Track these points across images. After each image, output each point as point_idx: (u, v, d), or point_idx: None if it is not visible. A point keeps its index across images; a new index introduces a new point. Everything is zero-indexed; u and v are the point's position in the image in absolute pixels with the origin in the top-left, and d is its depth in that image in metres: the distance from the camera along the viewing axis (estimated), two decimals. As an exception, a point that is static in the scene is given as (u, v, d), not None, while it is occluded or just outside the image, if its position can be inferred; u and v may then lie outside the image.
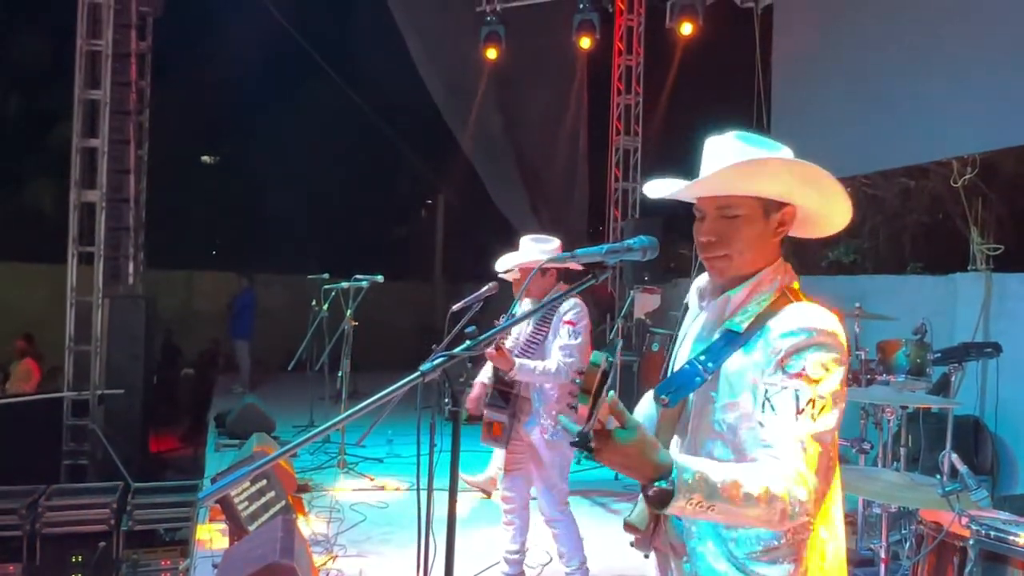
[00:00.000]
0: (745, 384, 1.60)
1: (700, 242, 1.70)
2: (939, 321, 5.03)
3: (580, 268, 3.28)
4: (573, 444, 1.30)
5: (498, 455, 4.70)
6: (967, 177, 6.67)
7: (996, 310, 6.08)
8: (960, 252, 6.96)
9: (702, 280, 1.84)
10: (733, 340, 1.64)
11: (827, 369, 1.53)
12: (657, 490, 1.33)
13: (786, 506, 1.40)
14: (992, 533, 2.59)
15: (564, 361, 3.56)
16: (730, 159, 1.64)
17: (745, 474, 1.41)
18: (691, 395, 1.70)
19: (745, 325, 1.64)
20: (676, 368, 1.79)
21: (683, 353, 1.81)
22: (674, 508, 1.34)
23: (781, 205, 1.68)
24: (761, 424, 1.55)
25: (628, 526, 1.73)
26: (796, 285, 1.70)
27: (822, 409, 1.50)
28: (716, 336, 1.69)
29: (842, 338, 1.58)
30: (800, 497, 1.42)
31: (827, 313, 1.61)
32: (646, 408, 1.92)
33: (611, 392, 1.35)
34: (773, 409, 1.53)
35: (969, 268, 6.57)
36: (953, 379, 4.29)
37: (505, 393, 3.79)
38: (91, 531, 6.29)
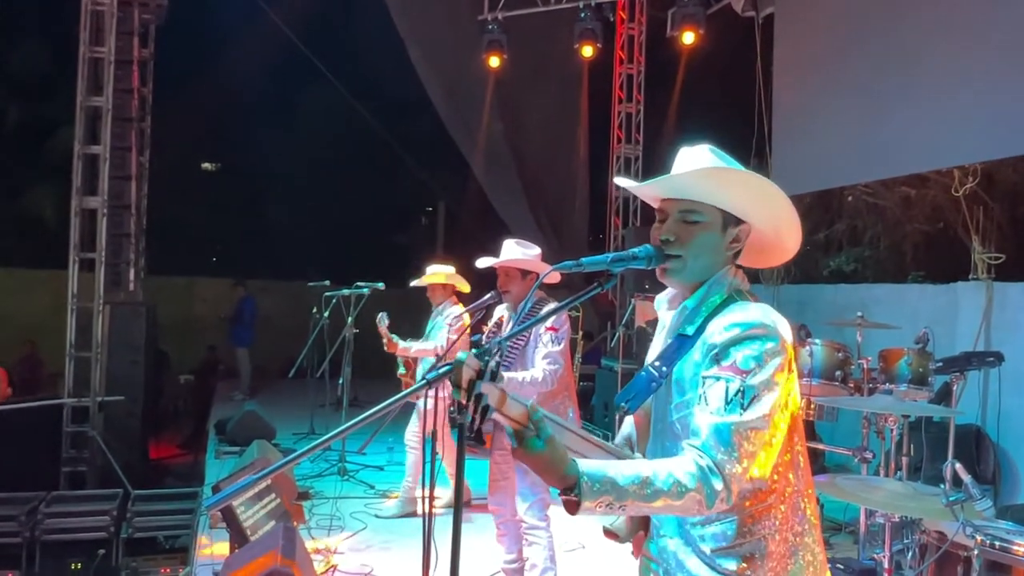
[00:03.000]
0: (691, 383, 1.66)
1: (658, 241, 1.73)
2: (940, 330, 5.03)
3: (559, 279, 3.27)
4: (470, 438, 1.43)
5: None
6: (968, 186, 6.67)
7: (997, 319, 6.08)
8: (961, 261, 6.95)
9: (668, 292, 1.88)
10: (683, 343, 1.69)
11: (760, 362, 1.57)
12: (565, 499, 1.47)
13: (701, 496, 1.50)
14: (996, 543, 2.58)
15: (548, 369, 3.54)
16: (702, 166, 1.70)
17: (656, 471, 1.50)
18: (652, 401, 1.78)
19: (695, 329, 1.69)
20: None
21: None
22: (584, 511, 1.47)
23: (739, 222, 1.72)
24: (694, 414, 1.61)
25: (608, 533, 1.86)
26: (744, 288, 1.73)
27: (753, 399, 1.54)
28: (669, 341, 1.74)
29: (779, 330, 1.61)
30: (715, 486, 1.50)
31: (767, 310, 1.65)
32: (628, 427, 2.01)
33: (535, 404, 1.48)
34: (706, 401, 1.59)
35: (970, 277, 6.57)
36: (955, 388, 4.29)
37: None
38: (91, 538, 6.29)
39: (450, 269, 5.69)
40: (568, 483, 1.46)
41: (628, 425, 2.01)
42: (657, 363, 1.70)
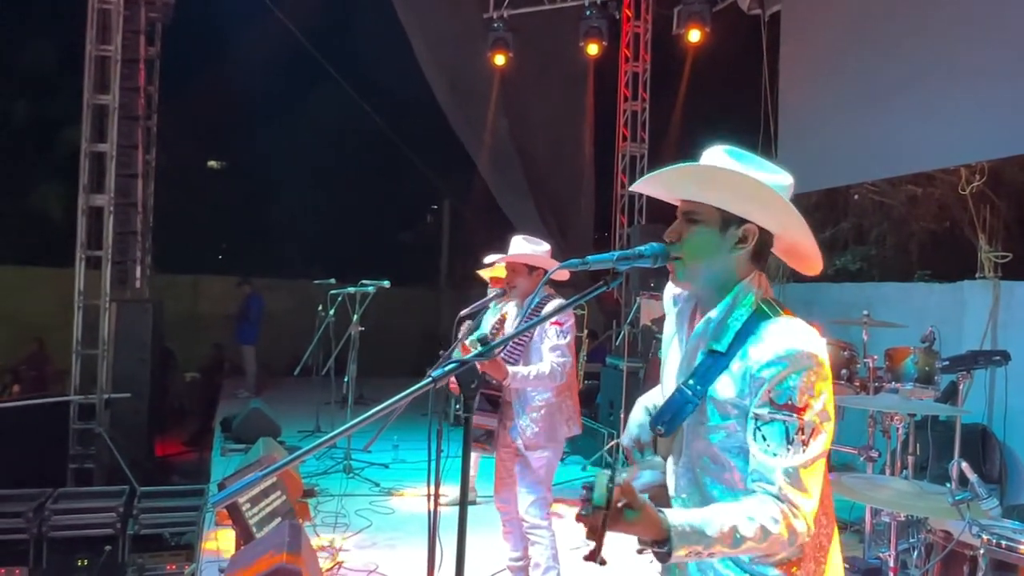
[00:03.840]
0: (730, 405, 1.64)
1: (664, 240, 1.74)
2: (946, 329, 5.01)
3: (566, 277, 3.26)
4: (586, 558, 1.44)
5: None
6: (975, 184, 6.65)
7: (1004, 318, 6.06)
8: (968, 260, 6.94)
9: (675, 287, 1.87)
10: (717, 361, 1.66)
11: (812, 394, 1.57)
12: (656, 552, 1.50)
13: (784, 538, 1.52)
14: (1003, 542, 2.58)
15: (557, 362, 3.50)
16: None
17: (739, 521, 1.51)
18: None
19: (727, 345, 1.66)
20: (666, 383, 1.83)
21: (670, 371, 1.83)
22: (674, 560, 1.50)
23: (743, 221, 1.68)
24: (753, 454, 1.60)
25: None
26: (770, 295, 1.71)
27: (812, 433, 1.56)
28: (700, 359, 1.71)
29: (822, 355, 1.60)
30: (799, 529, 1.54)
31: (804, 330, 1.62)
32: (640, 416, 1.97)
33: (624, 475, 1.51)
34: (764, 439, 1.58)
35: (977, 276, 6.55)
36: (961, 387, 4.28)
37: (493, 398, 3.73)
38: (97, 535, 6.33)
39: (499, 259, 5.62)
40: (661, 536, 1.47)
41: (635, 427, 1.98)
42: (691, 382, 1.67)
